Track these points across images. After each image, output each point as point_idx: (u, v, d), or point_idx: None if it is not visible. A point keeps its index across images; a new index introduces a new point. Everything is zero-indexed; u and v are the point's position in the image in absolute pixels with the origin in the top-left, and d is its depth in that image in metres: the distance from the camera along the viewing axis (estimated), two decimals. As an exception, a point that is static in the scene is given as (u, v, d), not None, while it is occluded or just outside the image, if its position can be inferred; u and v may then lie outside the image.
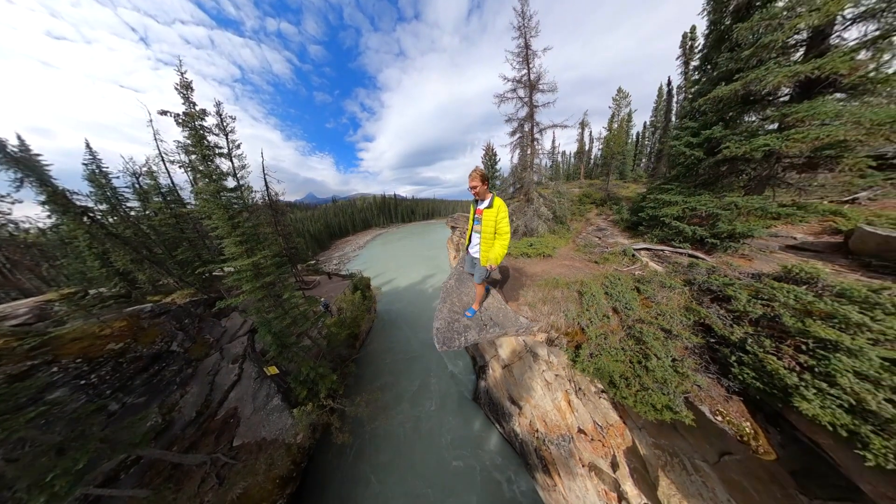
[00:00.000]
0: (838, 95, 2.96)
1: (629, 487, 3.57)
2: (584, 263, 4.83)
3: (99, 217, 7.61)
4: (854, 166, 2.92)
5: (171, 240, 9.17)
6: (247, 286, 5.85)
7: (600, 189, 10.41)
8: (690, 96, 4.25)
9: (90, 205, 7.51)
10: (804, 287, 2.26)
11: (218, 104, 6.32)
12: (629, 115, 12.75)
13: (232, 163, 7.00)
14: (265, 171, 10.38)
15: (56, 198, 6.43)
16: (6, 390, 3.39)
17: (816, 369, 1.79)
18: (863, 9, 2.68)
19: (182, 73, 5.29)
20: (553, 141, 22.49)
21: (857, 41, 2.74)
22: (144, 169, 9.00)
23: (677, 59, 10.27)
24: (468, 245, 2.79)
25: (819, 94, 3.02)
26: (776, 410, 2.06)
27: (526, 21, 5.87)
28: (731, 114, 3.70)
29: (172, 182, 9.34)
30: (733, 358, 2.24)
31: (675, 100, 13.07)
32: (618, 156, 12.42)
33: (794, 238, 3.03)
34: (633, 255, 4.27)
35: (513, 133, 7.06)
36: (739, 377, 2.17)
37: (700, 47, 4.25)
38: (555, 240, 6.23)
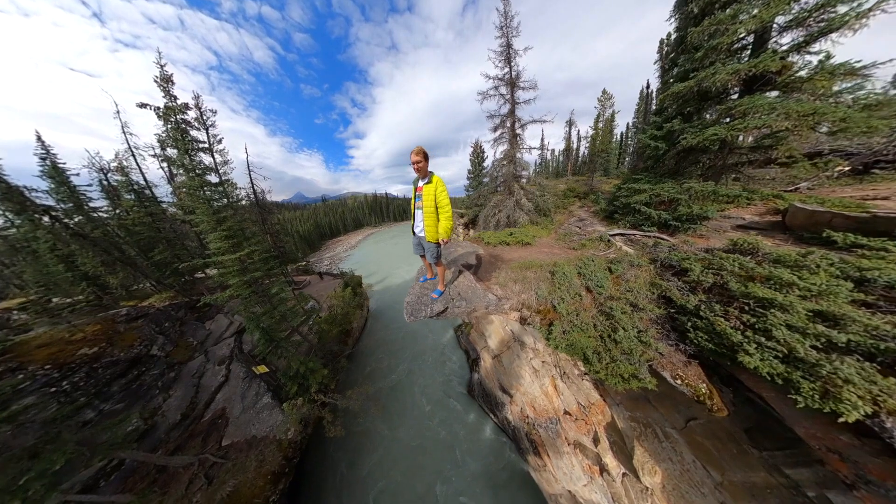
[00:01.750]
0: (775, 93, 3.25)
1: (609, 459, 3.67)
2: (562, 250, 5.00)
3: (62, 217, 7.02)
4: (787, 153, 3.23)
5: (146, 240, 8.56)
6: (233, 281, 5.72)
7: (585, 184, 10.76)
8: (660, 96, 4.56)
9: (51, 203, 6.85)
10: (748, 257, 2.44)
11: (196, 97, 5.91)
12: (613, 115, 13.22)
13: (213, 158, 6.51)
14: (250, 168, 9.87)
15: (10, 195, 5.82)
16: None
17: (756, 326, 1.94)
18: (791, 17, 2.99)
19: (162, 66, 5.03)
20: (542, 139, 23.07)
21: (788, 45, 3.04)
22: (114, 164, 8.26)
23: (655, 63, 10.79)
24: (413, 226, 2.72)
25: (759, 91, 3.31)
26: (728, 372, 2.20)
27: (508, 21, 6.12)
28: (688, 109, 3.98)
29: (145, 179, 8.56)
30: (689, 324, 2.39)
31: (653, 102, 13.96)
32: (602, 154, 12.94)
33: (744, 219, 3.29)
34: (609, 241, 4.47)
35: (495, 129, 7.27)
36: (695, 341, 2.31)
37: (671, 49, 4.56)
38: (536, 229, 6.41)
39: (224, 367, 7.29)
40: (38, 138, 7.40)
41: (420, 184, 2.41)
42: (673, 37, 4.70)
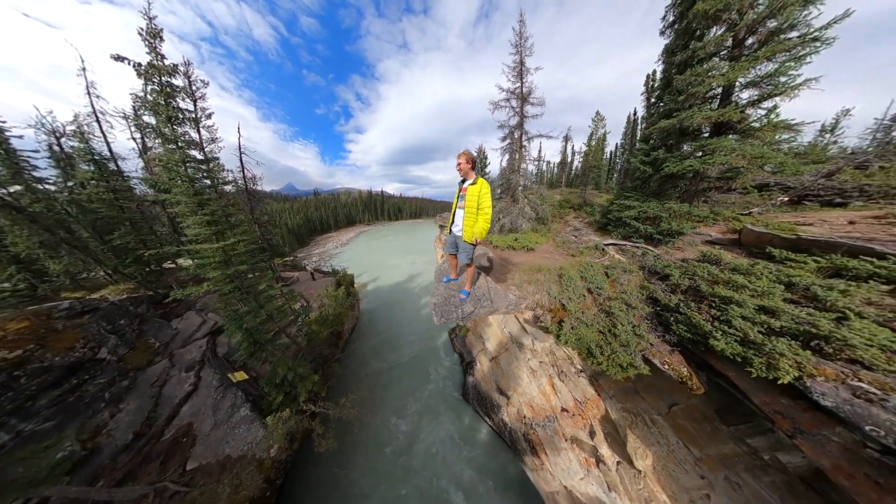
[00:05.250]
0: (735, 137, 4.28)
1: (605, 450, 4.19)
2: (562, 256, 5.67)
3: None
4: (743, 185, 4.28)
5: (104, 221, 7.55)
6: (214, 274, 5.20)
7: (578, 196, 12.02)
8: (646, 125, 5.57)
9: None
10: (714, 265, 3.19)
11: (187, 63, 5.38)
12: (604, 135, 15.36)
13: (200, 133, 5.93)
14: (241, 151, 9.14)
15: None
16: None
17: (721, 318, 2.60)
18: (749, 79, 4.02)
19: (150, 19, 4.53)
20: (539, 151, 25.17)
21: (746, 100, 4.07)
22: (71, 128, 7.21)
23: (642, 94, 12.76)
24: (451, 224, 2.89)
25: (725, 134, 4.32)
26: (702, 358, 2.84)
27: (522, 41, 7.02)
28: (671, 141, 4.96)
29: (111, 149, 7.50)
30: (672, 318, 3.02)
31: (639, 127, 16.40)
32: (594, 169, 14.82)
33: (710, 235, 4.19)
34: (603, 249, 5.21)
35: (504, 139, 8.06)
36: (677, 332, 2.94)
37: (657, 86, 5.64)
38: (537, 236, 7.10)
39: (193, 374, 6.61)
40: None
41: (465, 184, 2.59)
42: (659, 76, 5.82)
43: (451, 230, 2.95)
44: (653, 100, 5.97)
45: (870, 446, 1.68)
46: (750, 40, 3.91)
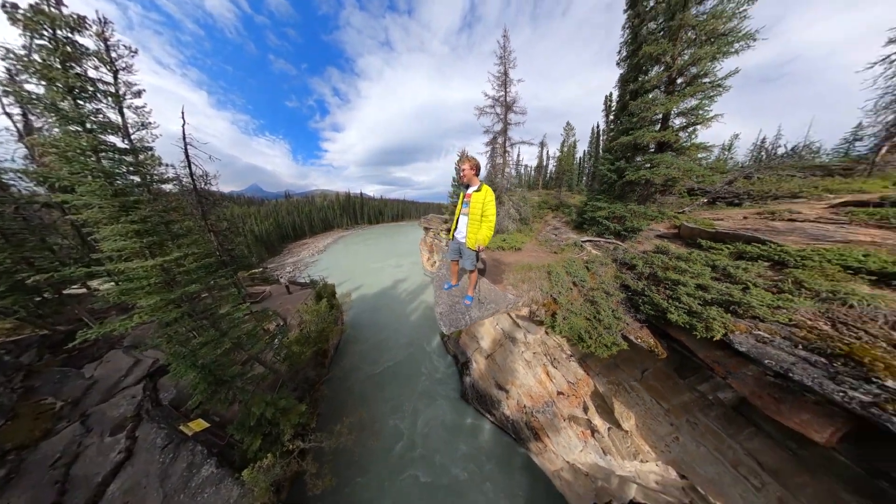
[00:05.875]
0: (673, 153, 5.53)
1: (597, 420, 4.93)
2: (546, 254, 6.46)
3: None
4: (678, 190, 5.58)
5: None
6: (149, 301, 3.95)
7: (555, 197, 13.46)
8: (608, 138, 6.77)
9: None
10: (664, 255, 4.15)
11: (103, 22, 4.12)
12: (574, 143, 17.98)
13: (123, 115, 4.65)
14: (187, 141, 7.47)
15: None
16: None
17: (673, 296, 3.44)
18: (679, 110, 5.26)
19: None
20: (518, 155, 27.17)
21: (678, 125, 5.30)
22: None
23: (602, 111, 15.34)
24: (454, 231, 2.93)
25: (665, 151, 5.54)
26: (662, 329, 3.67)
27: (506, 54, 7.86)
28: (628, 154, 6.13)
29: None
30: (640, 300, 3.84)
31: (601, 138, 19.58)
32: (567, 172, 17.51)
33: (660, 231, 5.34)
34: (581, 246, 6.12)
35: (488, 143, 8.82)
36: (644, 311, 3.75)
37: (614, 108, 6.86)
38: (522, 236, 7.89)
39: (123, 436, 5.05)
40: None
41: (469, 191, 2.63)
42: (616, 98, 7.09)
43: (454, 236, 2.99)
44: (612, 117, 7.25)
45: (768, 374, 2.51)
46: (680, 80, 5.15)
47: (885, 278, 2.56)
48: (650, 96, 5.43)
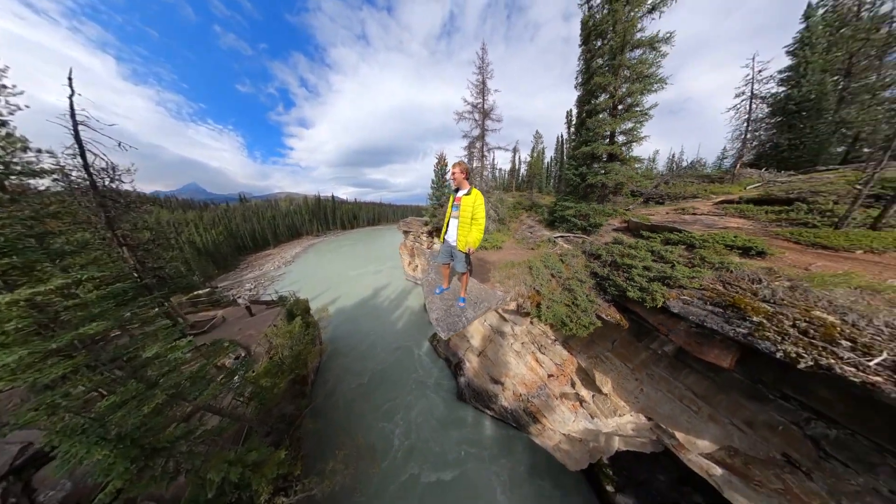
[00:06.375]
0: (619, 163, 6.98)
1: (584, 392, 5.82)
2: (524, 251, 7.37)
3: None
4: (625, 192, 7.08)
5: None
6: (4, 358, 2.73)
7: (528, 199, 14.98)
8: (571, 147, 8.13)
9: None
10: (620, 245, 5.27)
11: None
12: (542, 149, 20.92)
13: None
14: (77, 119, 5.74)
15: None
16: None
17: (629, 277, 4.46)
18: (621, 130, 6.70)
19: None
20: (493, 159, 29.79)
21: (622, 141, 6.74)
22: None
23: (564, 124, 18.86)
24: (444, 234, 3.04)
25: (614, 161, 6.96)
26: (623, 305, 4.68)
27: (484, 65, 8.77)
28: (588, 161, 7.46)
29: None
30: (606, 284, 4.83)
31: (564, 146, 22.79)
32: (537, 176, 19.76)
33: (615, 225, 6.69)
34: (554, 241, 7.16)
35: (467, 147, 9.64)
36: (610, 292, 4.72)
37: (574, 122, 8.28)
38: (501, 235, 8.79)
39: None
40: None
41: (459, 194, 2.77)
42: (575, 114, 8.56)
43: (444, 239, 3.10)
44: (573, 130, 8.71)
45: (692, 327, 3.53)
46: (620, 107, 6.59)
47: (746, 251, 3.86)
48: (601, 116, 6.81)
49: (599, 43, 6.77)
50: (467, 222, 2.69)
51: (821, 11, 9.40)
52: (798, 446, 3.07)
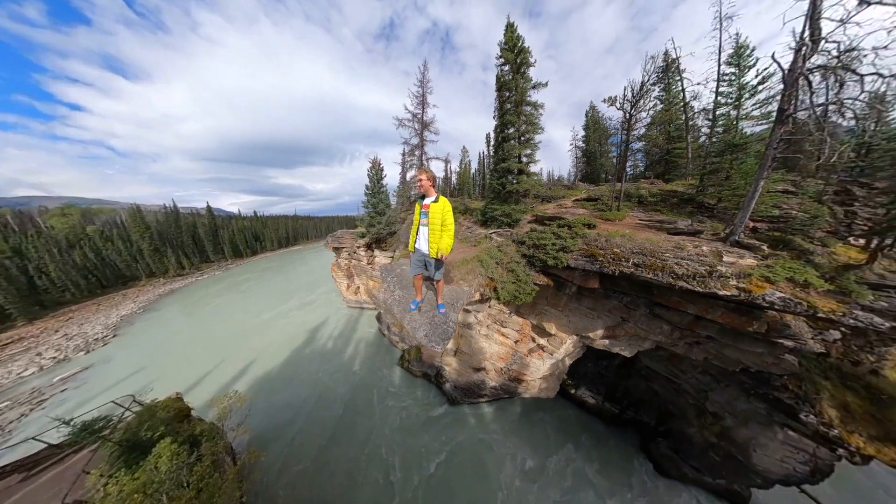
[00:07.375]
0: (525, 175, 10.15)
1: (542, 341, 8.11)
2: (469, 248, 9.33)
3: None
4: (532, 196, 10.46)
5: None
6: None
7: (461, 203, 17.71)
8: (493, 161, 11.00)
9: None
10: (535, 232, 7.97)
11: None
12: (469, 162, 26.02)
13: None
14: None
15: None
16: None
17: (546, 252, 6.96)
18: (526, 153, 9.83)
19: None
20: (429, 168, 33.84)
21: (525, 162, 9.90)
22: None
23: (485, 142, 24.75)
24: (414, 243, 3.01)
25: (522, 174, 10.07)
26: (548, 270, 7.19)
27: (426, 80, 10.05)
28: (507, 174, 10.33)
29: None
30: (534, 259, 7.22)
31: (486, 162, 28.46)
32: (466, 184, 23.39)
33: (528, 219, 9.78)
34: (490, 237, 9.49)
35: (405, 154, 10.82)
36: (536, 265, 7.13)
37: (493, 143, 11.14)
38: None
39: None
40: None
41: (427, 201, 2.80)
42: (493, 137, 11.44)
43: (415, 248, 3.04)
44: (493, 148, 11.64)
45: (580, 272, 6.17)
46: (522, 138, 9.67)
47: (590, 226, 7.12)
48: (511, 143, 9.74)
49: (508, 94, 9.77)
50: (437, 229, 2.76)
51: (591, 114, 22.26)
52: (622, 311, 6.35)
